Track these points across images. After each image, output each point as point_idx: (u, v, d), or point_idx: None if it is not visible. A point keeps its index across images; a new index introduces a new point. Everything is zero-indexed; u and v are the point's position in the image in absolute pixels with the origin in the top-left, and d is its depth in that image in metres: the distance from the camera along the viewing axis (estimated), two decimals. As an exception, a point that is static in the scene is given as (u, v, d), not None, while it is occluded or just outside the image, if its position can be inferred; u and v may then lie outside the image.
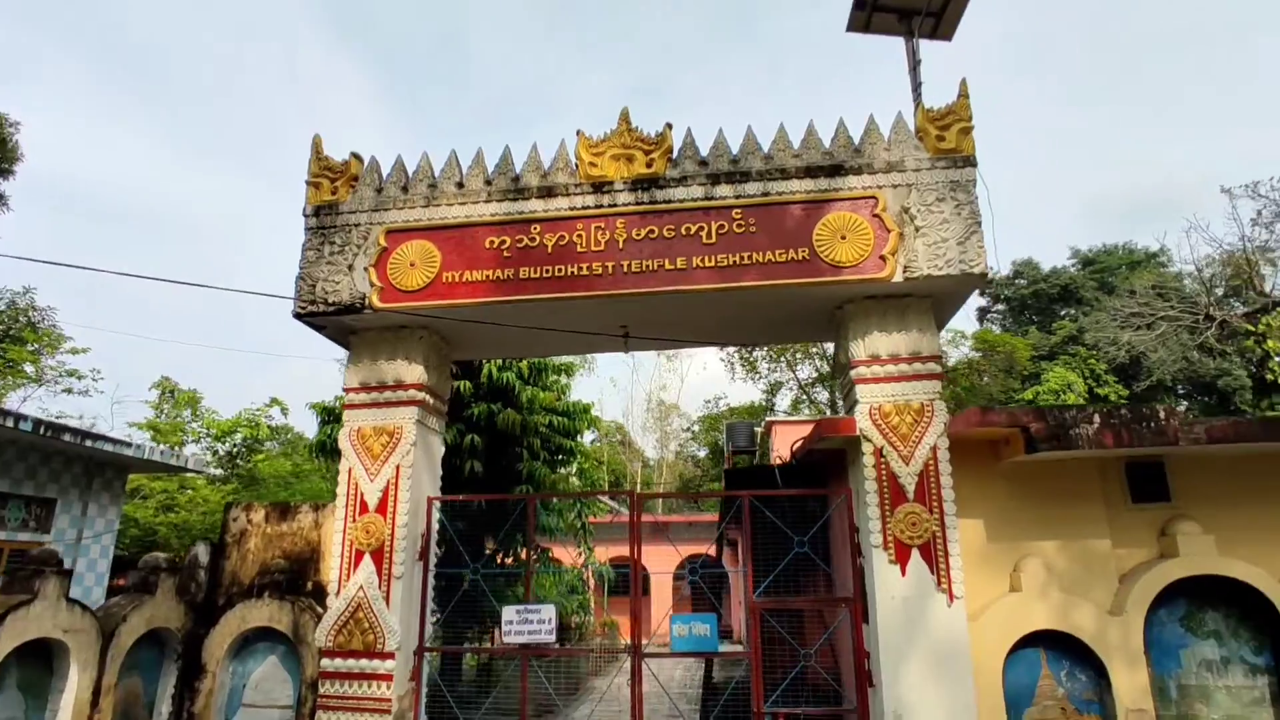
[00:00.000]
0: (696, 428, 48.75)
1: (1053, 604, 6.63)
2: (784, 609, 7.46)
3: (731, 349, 34.66)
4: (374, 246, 7.53)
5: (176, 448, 15.88)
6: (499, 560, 11.68)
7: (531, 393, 11.25)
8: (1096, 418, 6.37)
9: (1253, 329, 27.75)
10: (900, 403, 6.78)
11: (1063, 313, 41.56)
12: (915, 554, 6.47)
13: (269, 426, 18.44)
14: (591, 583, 21.83)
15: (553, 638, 7.07)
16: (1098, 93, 72.07)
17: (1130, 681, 6.45)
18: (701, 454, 48.52)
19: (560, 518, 11.72)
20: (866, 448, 6.74)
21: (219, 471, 17.60)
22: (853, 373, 6.92)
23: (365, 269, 7.48)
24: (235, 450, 17.86)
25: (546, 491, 10.47)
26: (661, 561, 23.97)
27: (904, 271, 6.67)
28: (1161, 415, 6.29)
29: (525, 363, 11.58)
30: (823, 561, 7.42)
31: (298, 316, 7.55)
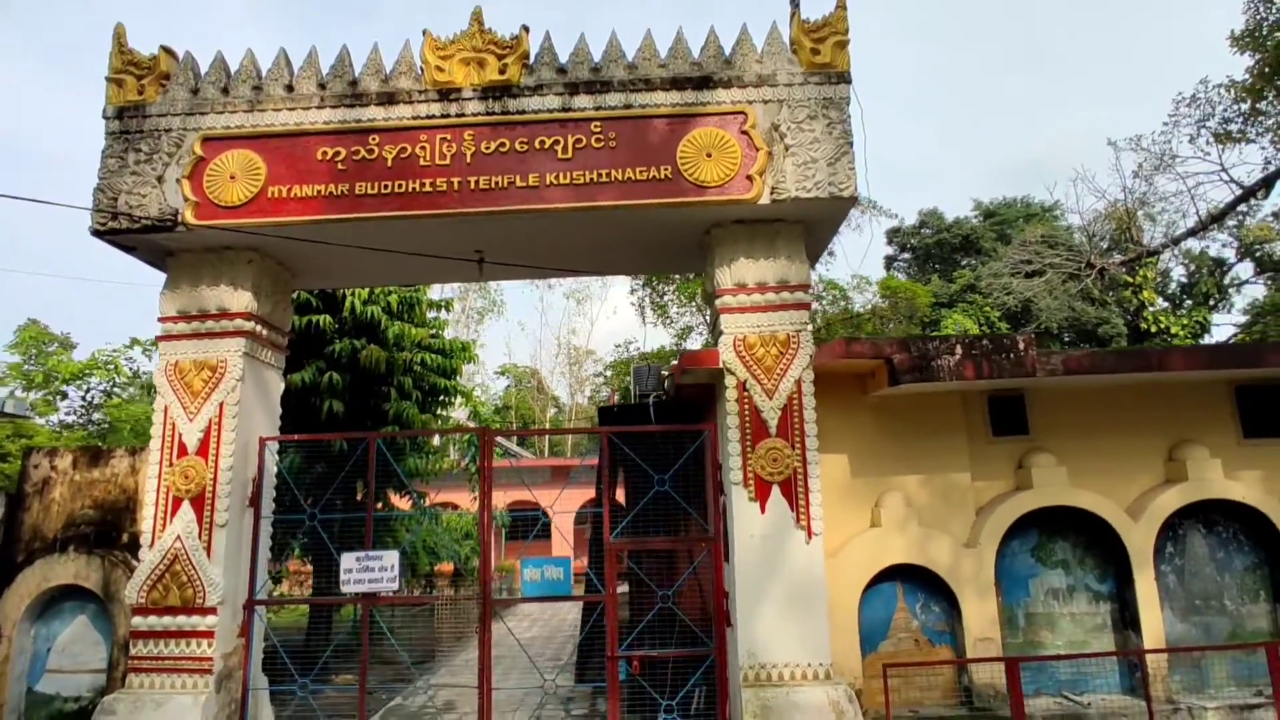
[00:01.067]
0: (609, 373, 48.57)
1: (911, 538, 6.57)
2: (648, 550, 7.18)
3: (641, 293, 34.22)
4: (188, 155, 6.59)
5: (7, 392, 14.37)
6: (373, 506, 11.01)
7: (400, 328, 10.47)
8: (958, 348, 6.22)
9: (1130, 280, 29.08)
10: (766, 334, 6.45)
11: (963, 262, 42.92)
12: (776, 491, 6.22)
13: (130, 371, 16.92)
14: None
15: (395, 585, 6.57)
16: (1008, 55, 73.66)
17: (980, 612, 6.49)
18: (614, 399, 48.45)
19: (430, 460, 11.12)
20: (729, 381, 6.41)
21: (70, 418, 16.11)
22: (718, 302, 6.54)
23: (178, 181, 6.54)
24: (90, 396, 16.35)
25: (390, 431, 9.79)
26: (563, 504, 23.80)
27: (772, 193, 6.26)
28: (1021, 346, 6.19)
29: (395, 296, 10.78)
30: (696, 501, 7.13)
31: (97, 234, 6.57)
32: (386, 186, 6.46)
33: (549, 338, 69.24)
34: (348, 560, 6.61)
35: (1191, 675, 6.74)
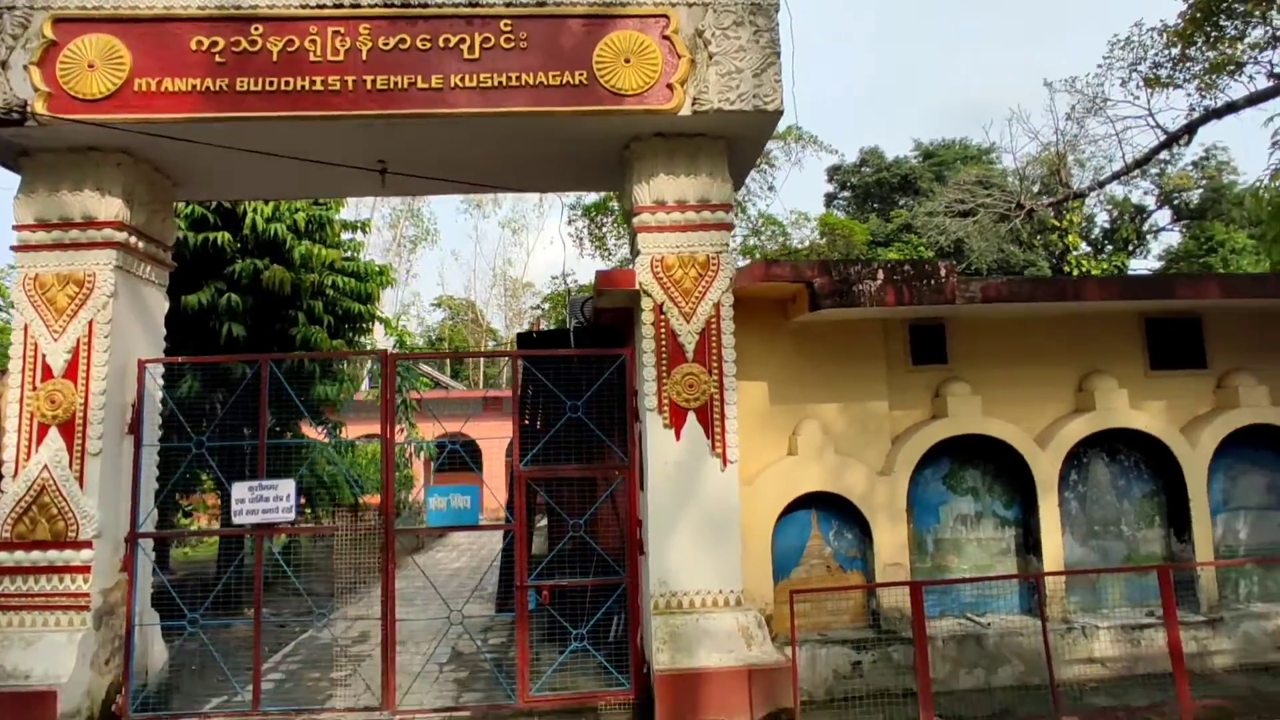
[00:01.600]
0: (546, 305, 47.92)
1: (827, 466, 6.53)
2: (565, 480, 6.98)
3: (579, 223, 33.48)
4: (36, 39, 5.79)
5: None
6: (284, 435, 10.51)
7: (307, 248, 9.79)
8: (880, 274, 6.07)
9: (1057, 224, 29.71)
10: (685, 255, 6.16)
11: (901, 202, 43.35)
12: (691, 417, 6.05)
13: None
14: (420, 459, 21.01)
15: (292, 515, 6.22)
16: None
17: (891, 538, 6.53)
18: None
19: (342, 387, 10.61)
20: (646, 303, 6.13)
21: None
22: (635, 220, 6.21)
23: (25, 68, 5.76)
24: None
25: (283, 353, 9.08)
26: (495, 433, 23.55)
27: (693, 104, 5.88)
28: (942, 273, 6.07)
29: (303, 214, 10.05)
30: (614, 429, 6.93)
31: (-69, 127, 5.78)
32: (271, 84, 5.82)
33: (484, 268, 67.74)
34: (239, 490, 6.21)
35: (1087, 597, 6.99)
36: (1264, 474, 7.39)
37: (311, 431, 11.35)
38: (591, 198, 29.55)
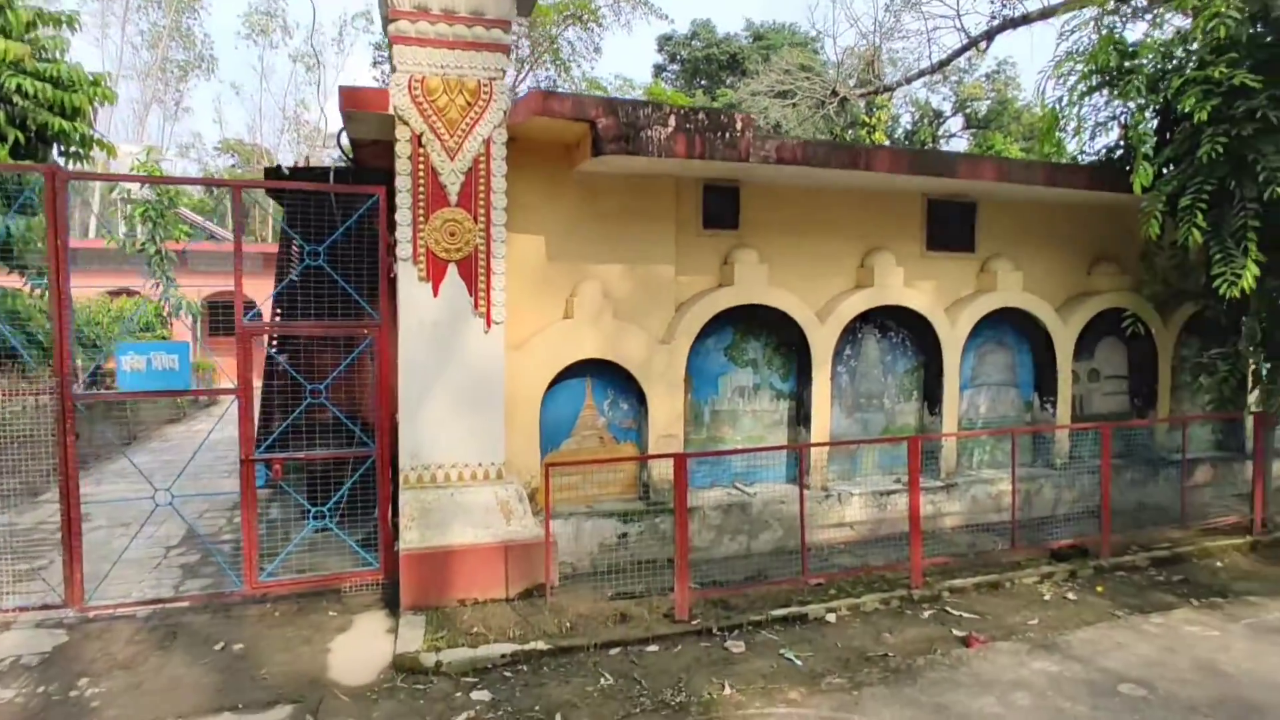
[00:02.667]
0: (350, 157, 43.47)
1: (605, 332, 6.07)
2: (312, 338, 6.01)
3: (385, 66, 29.88)
4: None
5: None
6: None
7: (-28, 36, 7.46)
8: (672, 120, 5.45)
9: (866, 120, 30.71)
10: (452, 78, 5.18)
11: (728, 81, 42.92)
12: (453, 270, 5.29)
13: None
14: (180, 320, 18.49)
15: (-82, 375, 4.82)
16: None
17: (667, 409, 6.31)
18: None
19: (35, 224, 8.50)
20: (402, 133, 5.15)
21: None
22: (392, 28, 5.09)
23: None
24: None
25: None
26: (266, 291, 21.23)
27: (463, -119, 4.75)
28: (739, 125, 5.57)
29: (-36, -9, 7.58)
30: (371, 281, 5.98)
31: None
32: None
33: (273, 108, 59.48)
34: None
35: (846, 465, 7.32)
36: (1007, 353, 7.98)
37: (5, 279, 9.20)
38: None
